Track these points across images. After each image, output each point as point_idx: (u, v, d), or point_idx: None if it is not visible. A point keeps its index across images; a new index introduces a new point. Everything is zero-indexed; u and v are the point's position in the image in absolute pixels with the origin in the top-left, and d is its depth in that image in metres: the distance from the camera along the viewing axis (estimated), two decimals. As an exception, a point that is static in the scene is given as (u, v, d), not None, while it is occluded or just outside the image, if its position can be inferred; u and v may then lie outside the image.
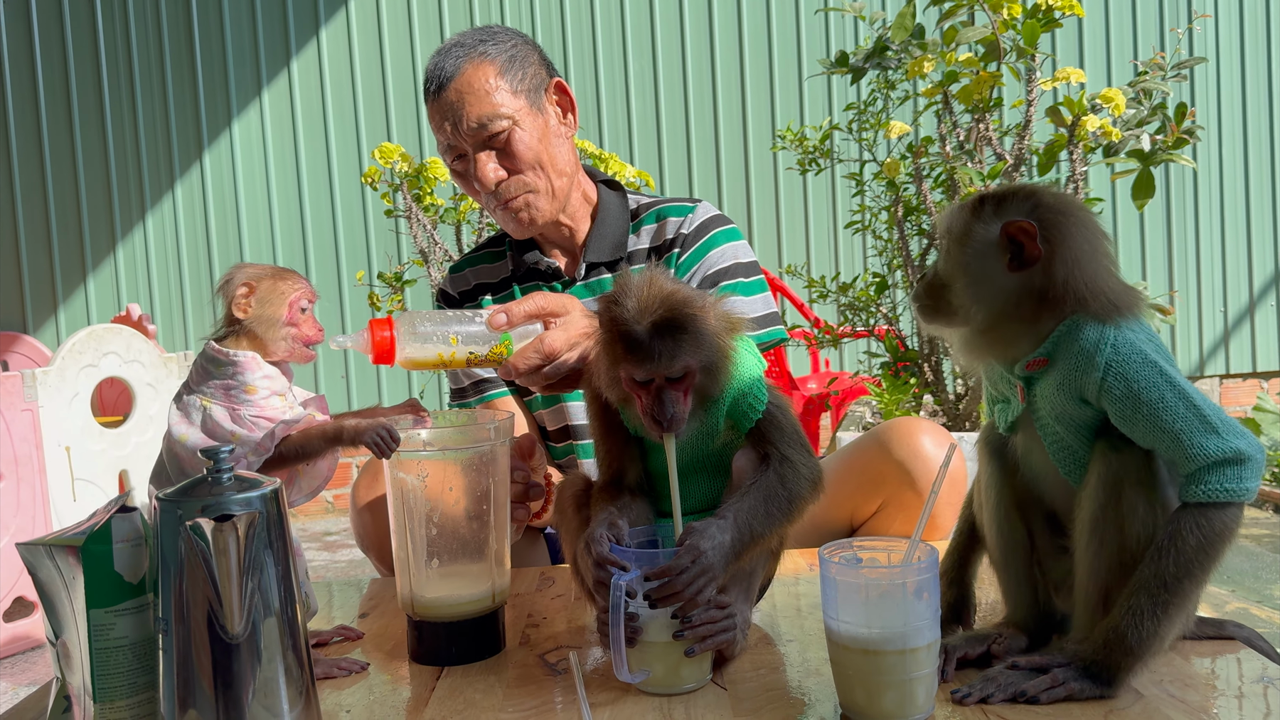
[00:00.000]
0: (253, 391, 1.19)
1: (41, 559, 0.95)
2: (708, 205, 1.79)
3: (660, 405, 1.07)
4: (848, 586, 0.97)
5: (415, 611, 1.23)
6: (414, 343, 1.27)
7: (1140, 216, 4.86)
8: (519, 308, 1.29)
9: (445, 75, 1.60)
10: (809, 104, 4.79)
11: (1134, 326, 1.02)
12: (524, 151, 1.62)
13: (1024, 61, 2.68)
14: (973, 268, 1.04)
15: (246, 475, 0.91)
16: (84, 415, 3.22)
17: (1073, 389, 1.02)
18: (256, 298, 1.22)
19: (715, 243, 1.72)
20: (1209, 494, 0.98)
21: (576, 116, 1.74)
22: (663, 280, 1.08)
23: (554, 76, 1.70)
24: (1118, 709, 0.97)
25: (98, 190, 4.69)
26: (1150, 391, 0.98)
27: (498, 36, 1.64)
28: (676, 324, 1.05)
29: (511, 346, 1.31)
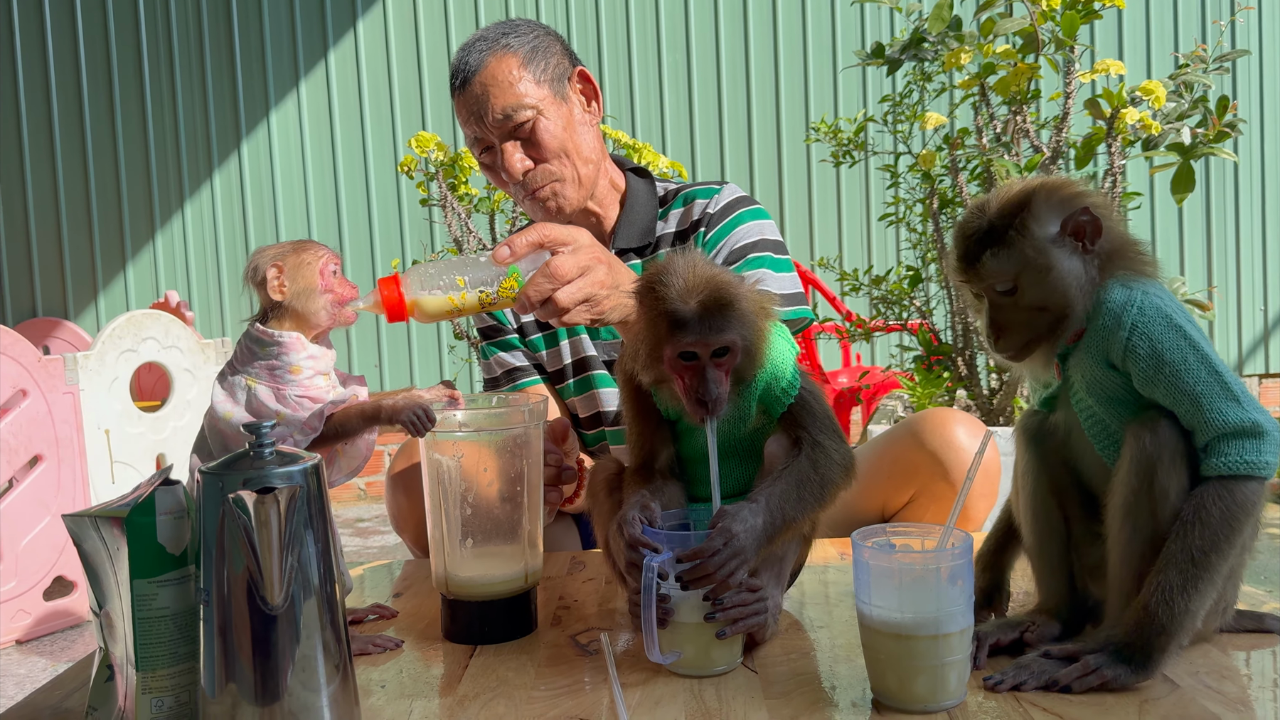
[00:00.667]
0: (297, 371, 1.21)
1: (87, 530, 0.97)
2: (734, 186, 1.79)
3: (704, 384, 1.08)
4: (881, 571, 0.97)
5: (449, 590, 1.24)
6: (423, 293, 1.26)
7: (1179, 211, 4.80)
8: (522, 238, 1.27)
9: (469, 69, 1.62)
10: (843, 96, 4.76)
11: (1159, 290, 1.03)
12: (549, 141, 1.64)
13: (1063, 53, 2.65)
14: (1063, 273, 1.03)
15: (287, 450, 0.93)
16: (123, 399, 3.27)
17: (1100, 352, 1.03)
18: (288, 275, 1.23)
19: (742, 219, 1.72)
20: (1229, 466, 0.98)
21: (601, 104, 1.75)
22: (704, 263, 1.10)
23: (577, 65, 1.72)
24: (1153, 699, 0.96)
25: (138, 180, 4.76)
26: (1173, 353, 0.99)
27: (520, 29, 1.66)
28: (722, 300, 1.07)
29: (521, 279, 1.28)
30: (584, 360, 1.79)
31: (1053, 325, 1.05)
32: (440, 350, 4.75)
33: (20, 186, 4.76)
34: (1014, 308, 1.05)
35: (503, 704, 1.03)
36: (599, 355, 1.78)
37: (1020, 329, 1.06)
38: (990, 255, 1.04)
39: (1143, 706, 0.95)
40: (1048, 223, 1.03)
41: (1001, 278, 1.04)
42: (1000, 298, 1.06)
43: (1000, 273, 1.04)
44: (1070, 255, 1.03)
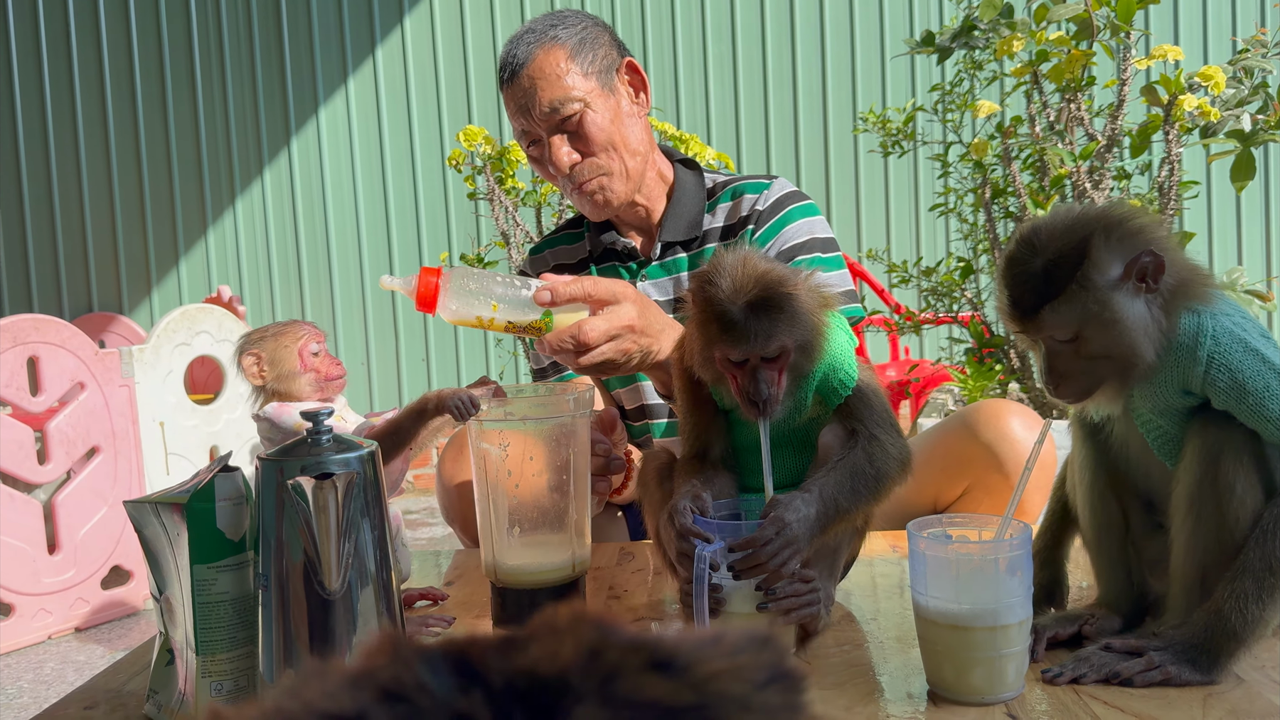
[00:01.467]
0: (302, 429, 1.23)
1: (148, 516, 0.99)
2: (784, 181, 1.77)
3: (756, 386, 1.07)
4: (938, 561, 0.95)
5: (498, 578, 1.25)
6: (457, 298, 1.28)
7: (1237, 199, 4.69)
8: (566, 289, 1.29)
9: (518, 62, 1.62)
10: (891, 85, 4.71)
11: (1227, 309, 0.99)
12: (596, 134, 1.63)
13: (1118, 39, 2.60)
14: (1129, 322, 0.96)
15: (345, 437, 0.94)
16: (177, 392, 3.33)
17: (1175, 383, 0.99)
18: (266, 362, 1.27)
19: (791, 218, 1.70)
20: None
21: (649, 96, 1.74)
22: (756, 259, 1.08)
23: (625, 56, 1.70)
24: (1218, 692, 0.94)
25: (190, 177, 4.84)
26: (1255, 381, 0.95)
27: (568, 20, 1.65)
28: (772, 303, 1.05)
29: (551, 324, 1.30)
30: None
31: (1118, 370, 0.99)
32: (487, 343, 4.78)
33: (76, 184, 4.86)
34: (1075, 355, 0.99)
35: (555, 692, 1.03)
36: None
37: (1082, 376, 1.00)
38: (1050, 310, 0.96)
39: (1207, 701, 0.92)
40: (1109, 268, 0.95)
41: (1062, 331, 0.98)
42: (1060, 346, 1.00)
43: (1061, 326, 0.97)
44: (1134, 299, 0.96)
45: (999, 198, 2.90)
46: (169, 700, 1.00)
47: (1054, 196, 2.64)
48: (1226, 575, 0.96)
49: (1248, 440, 0.98)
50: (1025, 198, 2.64)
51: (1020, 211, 2.75)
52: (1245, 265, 4.68)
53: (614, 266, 1.79)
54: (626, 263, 1.78)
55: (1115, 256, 0.96)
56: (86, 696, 1.10)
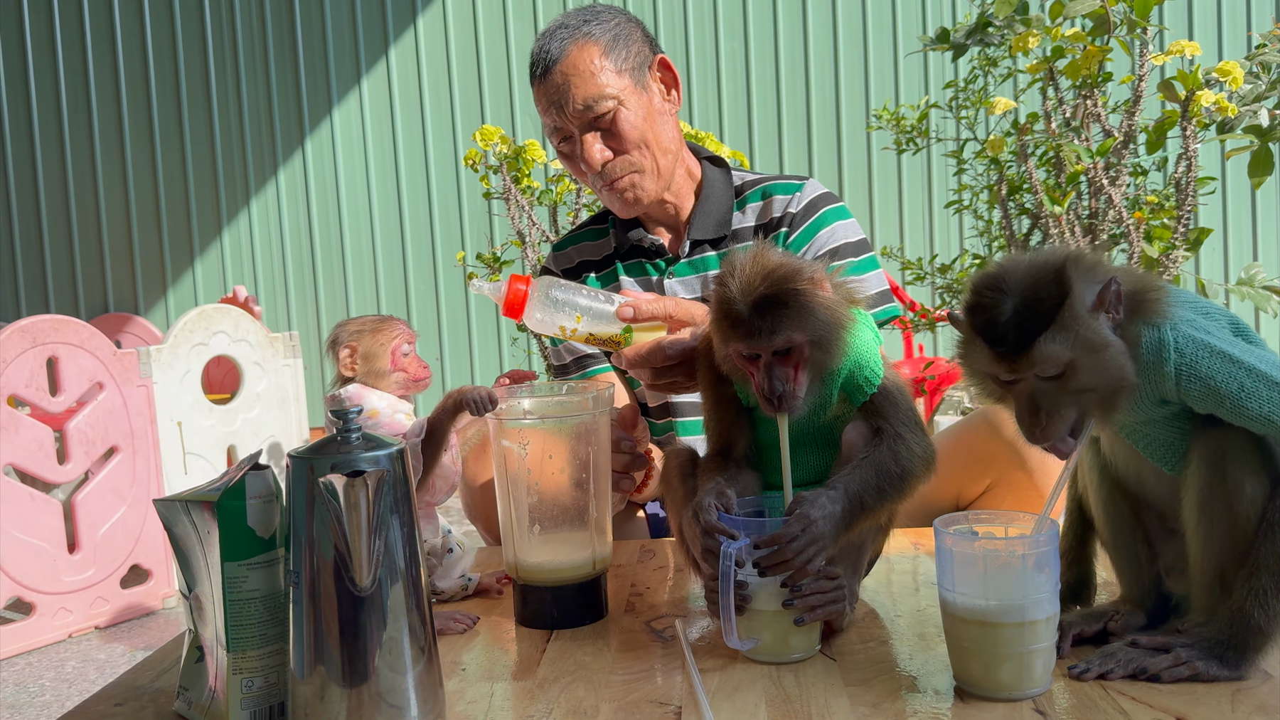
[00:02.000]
0: (376, 415, 1.26)
1: (178, 515, 1.00)
2: (815, 183, 1.77)
3: (770, 382, 1.07)
4: (965, 558, 0.96)
5: (519, 575, 1.25)
6: (543, 307, 1.32)
7: (1252, 195, 4.67)
8: (649, 307, 1.32)
9: (551, 58, 1.61)
10: (904, 82, 4.71)
11: (1184, 314, 0.98)
12: (629, 131, 1.63)
13: (1134, 35, 2.59)
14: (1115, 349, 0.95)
15: (374, 435, 0.94)
16: (194, 392, 3.35)
17: (1151, 397, 0.99)
18: (360, 356, 1.31)
19: (824, 222, 1.70)
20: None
21: (680, 93, 1.73)
22: (769, 255, 1.08)
23: (658, 53, 1.70)
24: (1246, 688, 0.94)
25: (205, 178, 4.86)
26: (1228, 384, 0.94)
27: (601, 16, 1.64)
28: (779, 299, 1.05)
29: (630, 338, 1.34)
30: None
31: (1102, 402, 0.96)
32: (501, 343, 4.79)
33: (92, 185, 4.89)
34: (1058, 393, 0.95)
35: (582, 688, 1.03)
36: (667, 346, 1.78)
37: (1066, 414, 0.96)
38: (1044, 340, 0.93)
39: (1235, 696, 0.92)
40: (1088, 297, 0.95)
41: (1055, 364, 0.94)
42: (1043, 384, 0.96)
43: (1055, 358, 0.93)
44: (1108, 328, 0.95)
45: (1015, 194, 2.89)
46: (199, 697, 1.01)
47: (1070, 193, 2.63)
48: (1242, 574, 0.96)
49: (1249, 438, 0.98)
50: (1041, 194, 2.64)
51: (1036, 208, 2.74)
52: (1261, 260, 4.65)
53: (640, 264, 1.79)
54: (654, 260, 1.78)
55: (1090, 286, 0.95)
56: (116, 693, 1.11)
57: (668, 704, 0.98)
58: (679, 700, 0.99)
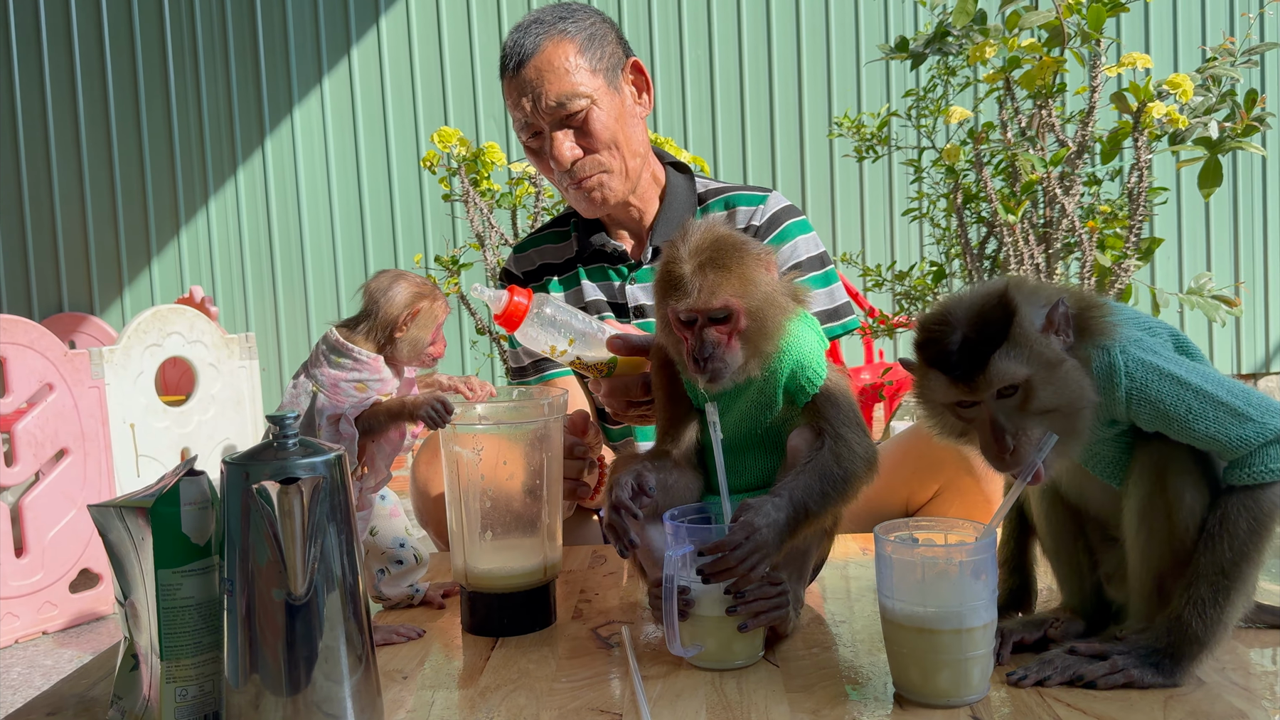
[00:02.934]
0: (363, 389, 1.23)
1: (112, 520, 0.98)
2: (779, 195, 1.78)
3: (700, 345, 1.08)
4: (904, 565, 0.96)
5: (469, 582, 1.25)
6: (537, 324, 1.32)
7: (1205, 206, 4.75)
8: (638, 340, 1.32)
9: (525, 52, 1.60)
10: (866, 90, 4.74)
11: (1132, 334, 0.99)
12: (601, 131, 1.63)
13: (1088, 47, 2.63)
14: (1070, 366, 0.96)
15: (311, 441, 0.93)
16: (148, 393, 3.30)
17: (1102, 418, 1.00)
18: (416, 322, 1.28)
19: (787, 236, 1.72)
20: (1255, 476, 0.97)
21: (651, 96, 1.74)
22: (721, 228, 1.10)
23: (630, 56, 1.70)
24: (1178, 694, 0.95)
25: (163, 176, 4.80)
26: (1177, 407, 0.96)
27: (577, 14, 1.64)
28: (720, 262, 1.07)
29: (615, 368, 1.36)
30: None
31: (1065, 424, 0.96)
32: (463, 344, 4.76)
33: (47, 182, 4.81)
34: (1020, 414, 0.95)
35: (524, 696, 1.03)
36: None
37: (1031, 438, 0.96)
38: (1000, 356, 0.93)
39: (1168, 702, 0.94)
40: (1036, 318, 0.96)
41: (1013, 378, 0.94)
42: (1003, 406, 0.96)
43: (1012, 373, 0.94)
44: (1061, 348, 0.96)
45: (971, 203, 2.92)
46: (133, 706, 1.00)
47: (1025, 202, 2.66)
48: (1181, 582, 0.98)
49: (1189, 451, 0.99)
50: (997, 203, 2.66)
51: (992, 216, 2.77)
52: (1213, 270, 4.74)
53: (603, 268, 1.78)
54: (616, 265, 1.78)
55: (1037, 308, 0.97)
56: (50, 702, 1.09)
57: (610, 711, 0.98)
58: (623, 708, 0.98)
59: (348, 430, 1.20)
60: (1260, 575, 1.00)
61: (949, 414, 1.01)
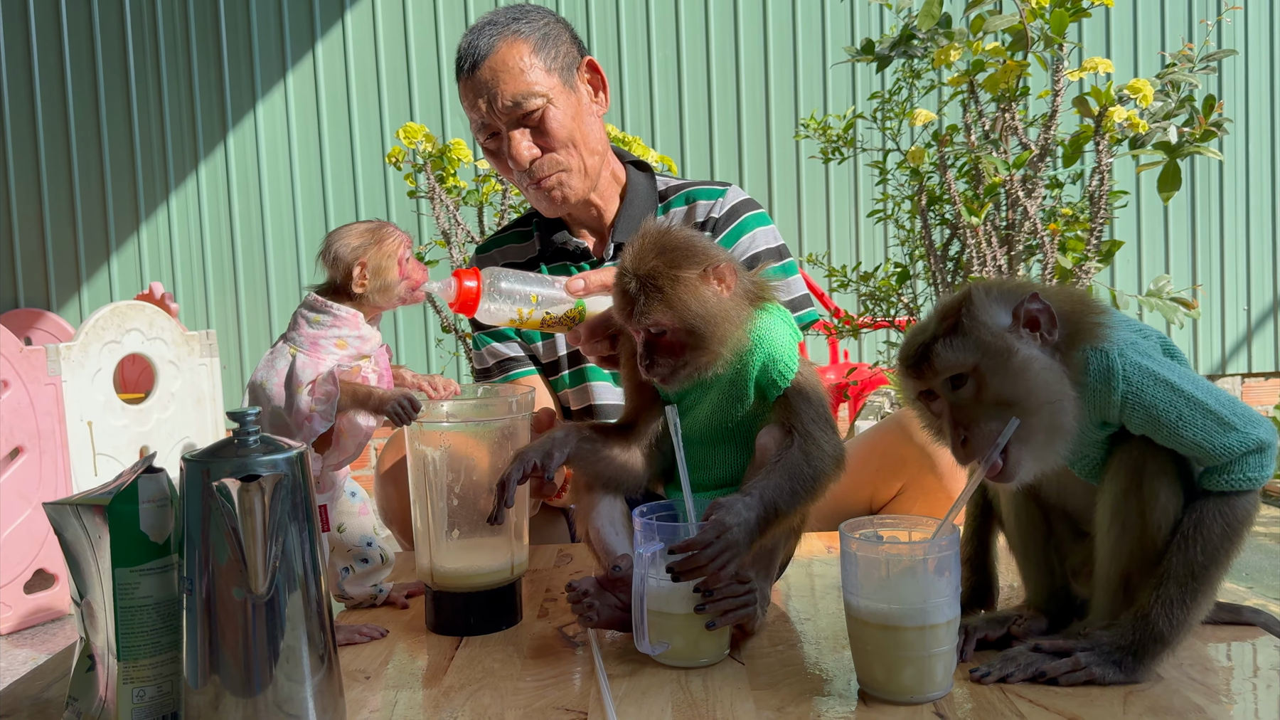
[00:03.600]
0: (343, 346, 1.22)
1: (68, 518, 0.96)
2: (737, 189, 1.80)
3: (646, 354, 1.12)
4: (868, 562, 0.97)
5: (434, 582, 1.24)
6: (495, 298, 1.31)
7: (1164, 210, 4.82)
8: (597, 276, 1.32)
9: (479, 53, 1.60)
10: (833, 92, 4.77)
11: (1128, 337, 1.01)
12: (557, 130, 1.63)
13: (1051, 51, 2.66)
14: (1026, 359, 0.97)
15: (273, 439, 0.92)
16: (106, 391, 3.25)
17: (1094, 420, 1.02)
18: (370, 271, 1.25)
19: (746, 228, 1.73)
20: (1232, 484, 0.98)
21: (608, 95, 1.74)
22: (673, 236, 1.11)
23: (585, 55, 1.71)
24: (1138, 690, 0.96)
25: (122, 171, 4.72)
26: (1169, 413, 0.98)
27: (530, 15, 1.64)
28: (657, 283, 1.08)
29: (585, 313, 1.34)
30: (579, 353, 1.78)
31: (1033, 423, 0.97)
32: (428, 343, 4.73)
33: (3, 176, 4.72)
34: (976, 404, 0.97)
35: (489, 695, 1.02)
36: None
37: (986, 430, 0.97)
38: (943, 345, 0.97)
39: (1128, 698, 0.95)
40: (995, 314, 0.98)
41: (957, 365, 0.97)
42: (957, 395, 0.98)
43: (955, 362, 0.97)
44: (1030, 345, 0.97)
45: (935, 205, 2.94)
46: (89, 707, 0.98)
47: (988, 204, 2.68)
48: (1151, 581, 0.99)
49: (1168, 452, 1.01)
50: (960, 205, 2.69)
51: (955, 219, 2.79)
52: (1172, 273, 4.81)
53: (565, 266, 1.78)
54: (579, 263, 1.78)
55: (998, 305, 0.99)
56: (4, 704, 1.07)
57: (575, 710, 0.97)
58: (588, 706, 0.98)
59: (329, 388, 1.19)
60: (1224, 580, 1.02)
61: (924, 408, 1.04)
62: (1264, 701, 0.95)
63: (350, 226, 1.29)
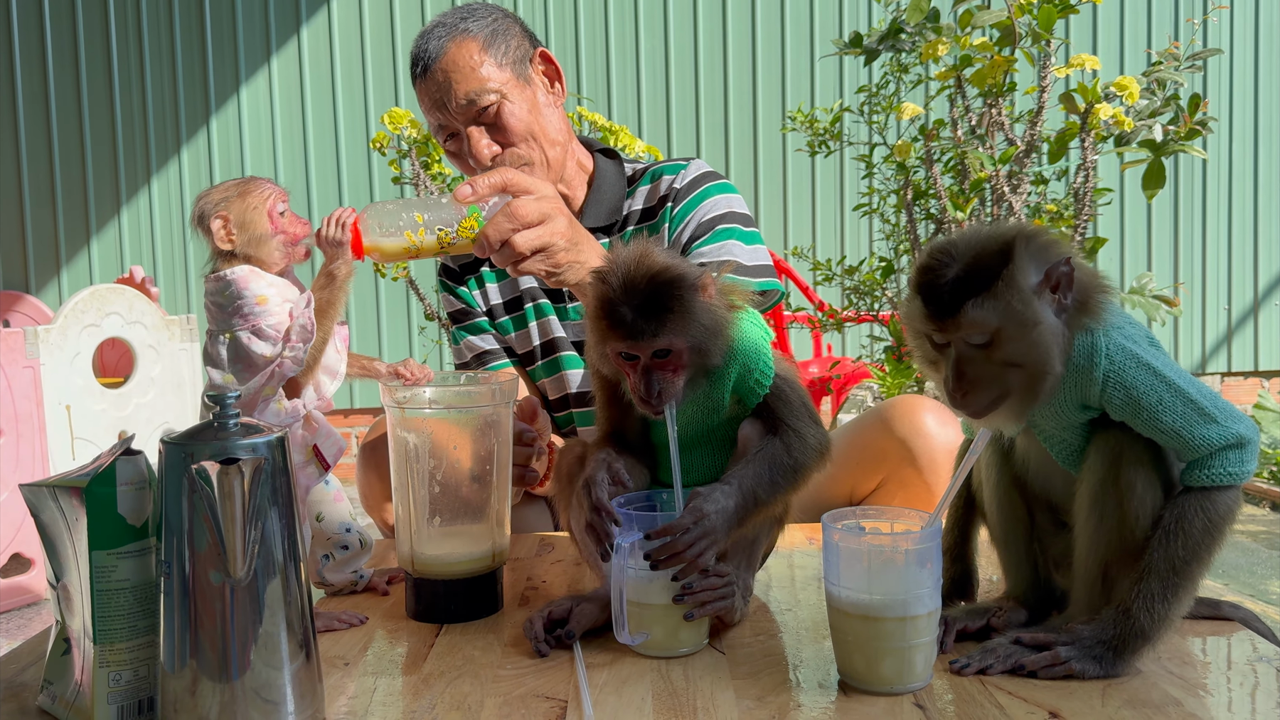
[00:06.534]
0: (264, 301, 1.20)
1: (45, 500, 0.95)
2: (701, 162, 1.80)
3: (647, 385, 1.07)
4: (850, 552, 0.97)
5: (415, 569, 1.23)
6: (380, 231, 1.25)
7: (1148, 207, 4.85)
8: (486, 179, 1.27)
9: (430, 56, 1.60)
10: (820, 85, 4.77)
11: (1117, 321, 1.01)
12: (515, 124, 1.62)
13: (1039, 47, 2.67)
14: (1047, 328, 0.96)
15: (252, 423, 0.91)
16: (85, 375, 3.22)
17: (1075, 400, 1.02)
18: (234, 224, 1.22)
19: (709, 194, 1.72)
20: (1213, 479, 0.98)
21: (564, 85, 1.73)
22: (654, 255, 1.07)
23: (538, 47, 1.70)
24: (1116, 683, 0.97)
25: (104, 154, 4.68)
26: (1149, 396, 0.98)
27: (477, 12, 1.64)
28: (661, 303, 1.04)
29: (482, 220, 1.27)
30: (552, 342, 1.78)
31: (1025, 383, 0.98)
32: (410, 331, 4.72)
33: (-18, 157, 4.67)
34: (985, 361, 0.97)
35: (468, 682, 1.02)
36: (568, 336, 1.77)
37: (990, 385, 0.97)
38: (973, 305, 0.95)
39: (1106, 690, 0.95)
40: (1031, 273, 0.96)
41: (982, 329, 0.96)
42: (971, 350, 0.98)
43: (982, 324, 0.95)
44: (1048, 309, 0.97)
45: (920, 199, 2.95)
46: (64, 691, 0.97)
47: (973, 200, 2.69)
48: (1132, 576, 0.99)
49: (1147, 442, 1.01)
50: (945, 200, 2.69)
51: (940, 213, 2.80)
52: (1154, 271, 4.84)
53: None
54: None
55: (1035, 263, 0.97)
56: (-24, 688, 1.06)
57: (555, 698, 0.97)
58: (566, 694, 0.98)
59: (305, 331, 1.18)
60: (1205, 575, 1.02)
61: (925, 341, 1.02)
62: (1240, 695, 0.95)
63: (221, 184, 1.26)
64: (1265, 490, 3.89)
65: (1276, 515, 3.74)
